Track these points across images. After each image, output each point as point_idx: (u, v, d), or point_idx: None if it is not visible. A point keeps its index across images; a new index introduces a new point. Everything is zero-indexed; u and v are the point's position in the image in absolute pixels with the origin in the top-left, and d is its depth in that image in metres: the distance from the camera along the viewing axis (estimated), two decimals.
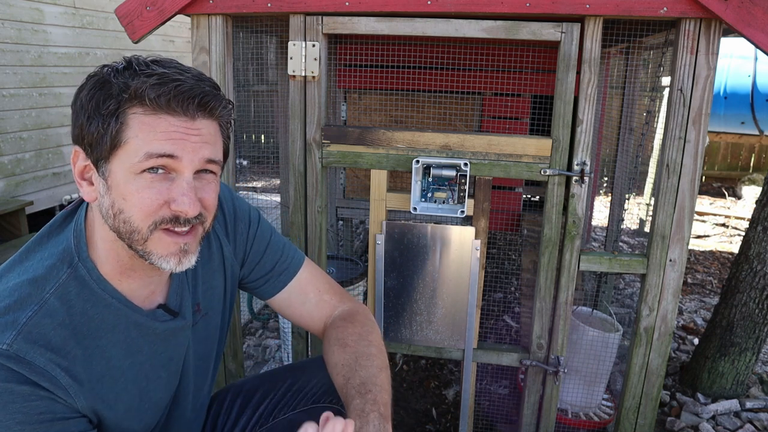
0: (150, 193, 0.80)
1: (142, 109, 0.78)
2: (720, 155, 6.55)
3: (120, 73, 0.79)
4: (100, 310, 0.86)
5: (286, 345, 2.22)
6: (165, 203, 0.81)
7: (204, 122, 0.82)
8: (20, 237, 3.59)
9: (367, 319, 1.11)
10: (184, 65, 0.84)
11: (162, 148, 0.78)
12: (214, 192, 0.87)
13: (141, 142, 0.78)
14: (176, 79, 0.79)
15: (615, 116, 2.62)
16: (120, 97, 0.78)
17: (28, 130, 3.87)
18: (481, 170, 1.52)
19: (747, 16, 1.28)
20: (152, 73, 0.78)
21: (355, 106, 2.51)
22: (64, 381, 0.79)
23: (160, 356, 0.95)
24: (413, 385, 2.37)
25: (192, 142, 0.80)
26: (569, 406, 1.92)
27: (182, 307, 0.98)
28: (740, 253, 2.22)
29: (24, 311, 0.79)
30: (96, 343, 0.85)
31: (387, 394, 0.95)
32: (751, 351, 2.24)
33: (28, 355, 0.76)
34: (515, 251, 3.56)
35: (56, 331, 0.80)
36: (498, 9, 1.38)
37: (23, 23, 3.75)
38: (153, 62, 0.82)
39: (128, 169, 0.79)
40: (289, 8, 1.47)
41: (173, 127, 0.79)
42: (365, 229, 4.20)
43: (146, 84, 0.77)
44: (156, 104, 0.78)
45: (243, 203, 1.13)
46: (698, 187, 1.46)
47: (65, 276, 0.84)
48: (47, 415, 0.77)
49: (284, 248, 1.15)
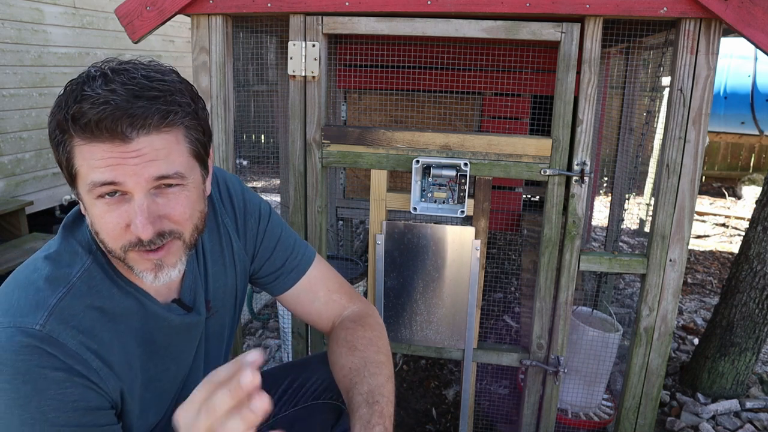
0: (111, 217, 0.79)
1: (79, 139, 0.76)
2: (720, 155, 6.55)
3: (71, 94, 0.77)
4: (123, 297, 0.88)
5: (286, 345, 2.22)
6: (126, 226, 0.80)
7: (144, 140, 0.77)
8: (20, 237, 3.58)
9: (377, 323, 1.11)
10: (142, 71, 0.80)
11: (102, 177, 0.76)
12: (182, 205, 0.83)
13: (85, 171, 0.77)
14: (106, 102, 0.74)
15: (615, 116, 2.62)
16: (63, 128, 0.77)
17: (28, 130, 3.87)
18: (481, 170, 1.52)
19: (747, 16, 1.28)
20: (89, 96, 0.75)
21: (355, 106, 2.51)
22: (95, 364, 0.81)
23: (172, 349, 0.96)
24: (413, 385, 2.37)
25: (131, 165, 0.77)
26: (569, 406, 1.92)
27: (196, 302, 0.99)
28: (740, 253, 2.22)
29: (54, 293, 0.80)
30: (116, 327, 0.87)
31: (392, 406, 0.96)
32: (751, 351, 2.24)
33: (60, 336, 0.78)
34: (515, 251, 3.56)
35: (86, 312, 0.82)
36: (498, 9, 1.38)
37: (23, 23, 3.75)
38: (102, 76, 0.78)
39: (87, 195, 0.79)
40: (289, 8, 1.47)
41: (108, 153, 0.76)
42: (365, 229, 4.20)
43: (81, 110, 0.74)
44: (88, 132, 0.75)
45: (254, 197, 1.12)
46: (698, 187, 1.46)
47: (89, 262, 0.86)
48: (81, 404, 0.78)
49: (295, 244, 1.15)
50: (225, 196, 1.07)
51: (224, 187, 1.08)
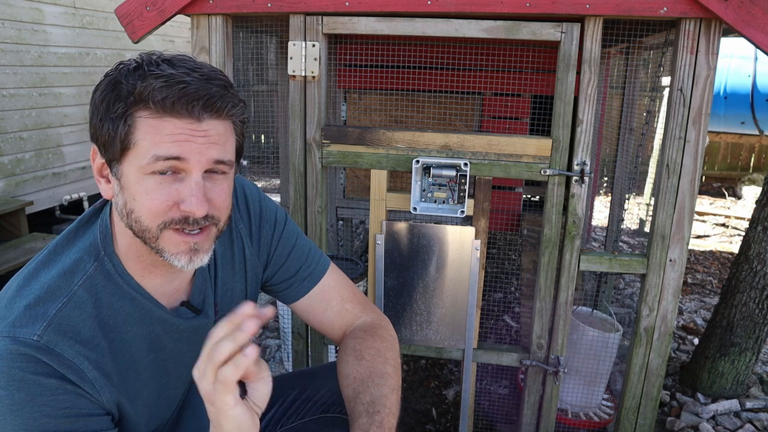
0: (159, 194, 0.80)
1: (148, 112, 0.78)
2: (720, 155, 6.55)
3: (130, 74, 0.79)
4: (126, 304, 0.87)
5: (286, 345, 2.22)
6: (174, 204, 0.81)
7: (212, 123, 0.82)
8: (20, 237, 3.58)
9: (388, 335, 1.09)
10: (198, 62, 0.84)
11: (168, 151, 0.79)
12: (225, 192, 0.87)
13: (148, 145, 0.79)
14: (182, 81, 0.78)
15: (615, 116, 2.62)
16: (128, 100, 0.78)
17: (28, 130, 3.87)
18: (481, 170, 1.52)
19: (747, 16, 1.28)
20: (160, 74, 0.78)
21: (355, 106, 2.51)
22: (91, 374, 0.81)
23: (184, 355, 0.96)
24: (413, 385, 2.37)
25: (198, 143, 0.80)
26: (569, 406, 1.92)
27: (205, 305, 0.99)
28: (740, 253, 2.22)
29: (54, 303, 0.80)
30: (122, 337, 0.86)
31: (394, 418, 0.95)
32: (751, 351, 2.23)
33: (57, 346, 0.78)
34: (515, 251, 3.56)
35: (85, 323, 0.82)
36: (498, 9, 1.38)
37: (23, 23, 3.75)
38: (164, 61, 0.81)
39: (138, 171, 0.80)
40: (289, 8, 1.47)
41: (179, 129, 0.79)
42: (365, 229, 4.20)
43: (152, 87, 0.77)
44: (161, 107, 0.78)
45: (270, 204, 1.12)
46: (698, 187, 1.46)
47: (92, 269, 0.85)
48: (72, 410, 0.78)
49: (309, 253, 1.14)
50: (242, 201, 1.08)
51: (241, 193, 1.08)
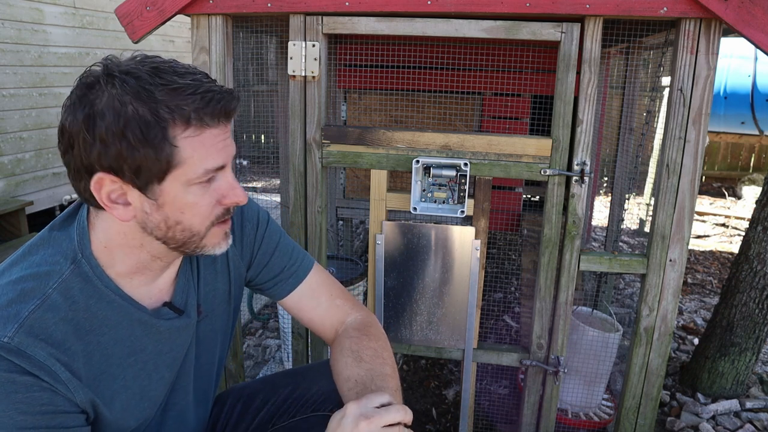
0: (205, 199, 0.85)
1: (190, 131, 0.80)
2: (720, 155, 6.55)
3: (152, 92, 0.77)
4: (103, 307, 0.87)
5: (286, 345, 2.22)
6: (216, 202, 0.87)
7: (229, 122, 0.87)
8: (20, 237, 3.59)
9: (381, 333, 1.11)
10: (183, 64, 0.84)
11: (216, 163, 0.84)
12: None
13: (197, 161, 0.81)
14: (208, 91, 0.81)
15: (615, 116, 2.62)
16: (162, 123, 0.77)
17: (28, 130, 3.87)
18: (481, 170, 1.52)
19: (747, 16, 1.28)
20: (184, 87, 0.79)
21: (355, 106, 2.51)
22: (64, 375, 0.80)
23: (165, 355, 0.95)
24: (413, 385, 2.37)
25: (227, 144, 0.86)
26: (569, 406, 1.92)
27: (187, 305, 0.99)
28: (740, 253, 2.22)
29: (26, 305, 0.79)
30: (98, 339, 0.86)
31: None
32: (751, 351, 2.24)
33: (29, 348, 0.77)
34: (515, 251, 3.56)
35: (57, 325, 0.81)
36: (498, 9, 1.38)
37: (23, 23, 3.75)
38: (167, 70, 0.80)
39: (184, 184, 0.82)
40: (289, 8, 1.47)
41: (217, 138, 0.83)
42: (365, 229, 4.20)
43: (186, 103, 0.78)
44: (199, 123, 0.80)
45: (252, 204, 1.13)
46: (698, 187, 1.46)
47: (68, 272, 0.84)
48: (49, 407, 0.78)
49: (293, 252, 1.15)
50: None
51: None
